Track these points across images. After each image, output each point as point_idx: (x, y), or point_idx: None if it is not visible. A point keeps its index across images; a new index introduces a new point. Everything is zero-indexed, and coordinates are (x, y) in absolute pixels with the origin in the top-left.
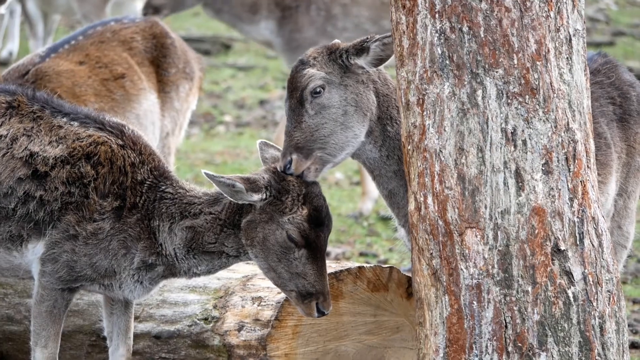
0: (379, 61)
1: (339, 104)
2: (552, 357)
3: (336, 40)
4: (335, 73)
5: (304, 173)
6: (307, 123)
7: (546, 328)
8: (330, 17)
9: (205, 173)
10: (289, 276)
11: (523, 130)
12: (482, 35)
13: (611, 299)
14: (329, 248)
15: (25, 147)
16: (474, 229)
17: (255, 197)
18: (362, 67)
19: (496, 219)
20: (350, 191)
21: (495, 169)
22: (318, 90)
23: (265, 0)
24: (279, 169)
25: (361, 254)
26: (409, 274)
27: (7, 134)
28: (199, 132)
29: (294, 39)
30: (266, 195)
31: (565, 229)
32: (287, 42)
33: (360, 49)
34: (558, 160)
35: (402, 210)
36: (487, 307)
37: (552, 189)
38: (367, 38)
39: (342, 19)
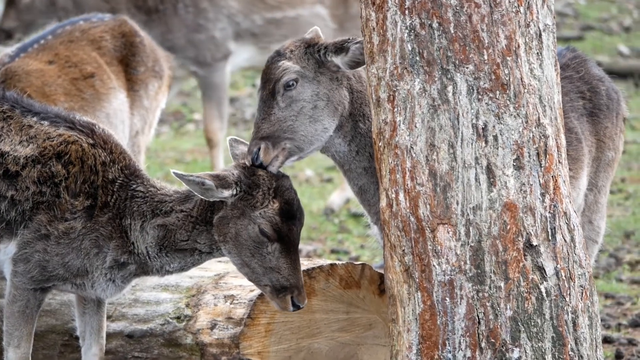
0: (356, 64)
1: (310, 98)
2: (526, 352)
3: (315, 28)
4: (309, 67)
5: (271, 162)
6: (277, 115)
7: (519, 324)
8: (200, 11)
9: (174, 172)
10: (263, 271)
11: (494, 126)
12: (452, 31)
13: (584, 293)
14: (300, 245)
15: None
16: (446, 225)
17: (226, 193)
18: (338, 66)
19: (468, 215)
20: (320, 188)
21: (466, 165)
22: (291, 83)
23: (125, 6)
24: (247, 160)
25: (332, 251)
26: (382, 271)
27: None
28: (168, 130)
29: (167, 40)
30: (236, 190)
31: (537, 225)
32: (160, 44)
33: (340, 48)
34: (529, 156)
35: (374, 207)
36: (460, 303)
37: (524, 184)
38: (349, 38)
39: (213, 10)
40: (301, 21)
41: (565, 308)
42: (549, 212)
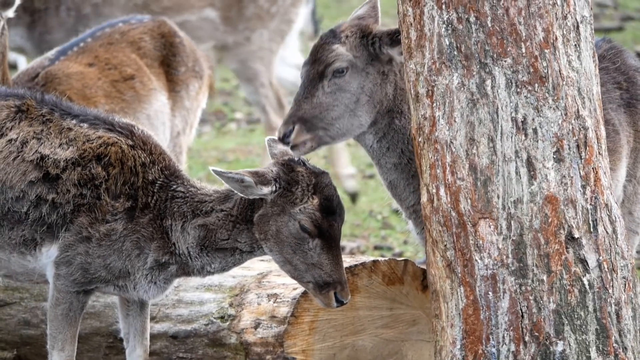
0: None
1: (355, 90)
2: (570, 345)
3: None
4: (362, 58)
5: (299, 146)
6: (320, 99)
7: (562, 316)
8: (81, 17)
9: (213, 170)
10: (305, 267)
11: (533, 119)
12: (490, 25)
13: (627, 285)
14: (343, 242)
15: (36, 150)
16: (487, 219)
17: (265, 189)
18: (392, 57)
19: (509, 208)
20: (363, 185)
21: (506, 159)
22: (341, 70)
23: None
24: (278, 132)
25: (376, 248)
26: (424, 267)
27: (17, 138)
28: (210, 130)
29: (44, 41)
30: (276, 187)
31: (578, 217)
32: (37, 44)
33: (396, 40)
34: (569, 148)
35: (404, 202)
36: (503, 298)
37: (564, 176)
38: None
39: (94, 19)
40: (188, 27)
41: (608, 300)
42: (590, 204)
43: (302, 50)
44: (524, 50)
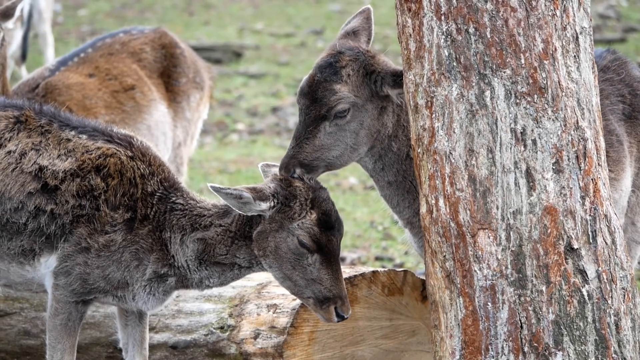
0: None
1: (355, 128)
2: (569, 356)
3: (367, 8)
4: (362, 96)
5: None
6: (322, 141)
7: (562, 327)
8: None
9: (211, 186)
10: (305, 283)
11: (532, 130)
12: (489, 36)
13: (626, 296)
14: (344, 253)
15: (35, 162)
16: (487, 230)
17: (264, 205)
18: (390, 97)
19: (508, 219)
20: (364, 195)
21: (505, 170)
22: (343, 111)
23: None
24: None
25: (377, 258)
26: (424, 277)
27: (16, 149)
28: (212, 140)
29: None
30: (274, 202)
31: (577, 228)
32: None
33: (398, 84)
34: (568, 159)
35: (400, 214)
36: (502, 308)
37: (564, 187)
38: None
39: None
40: None
41: (607, 311)
42: (590, 215)
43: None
44: (523, 61)
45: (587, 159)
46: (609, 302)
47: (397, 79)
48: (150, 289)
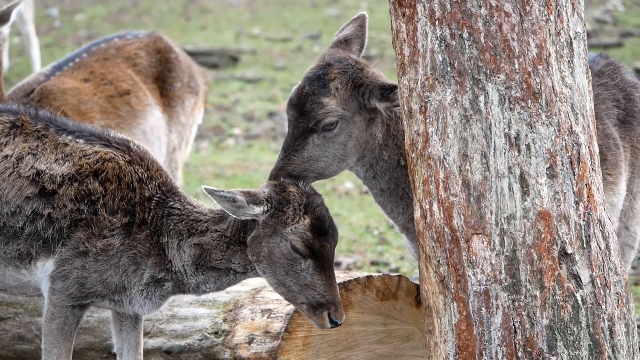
0: (394, 107)
1: (343, 140)
2: None
3: (363, 15)
4: (350, 109)
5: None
6: (310, 153)
7: (555, 332)
8: None
9: (205, 188)
10: (298, 289)
11: (526, 135)
12: (483, 41)
13: (620, 301)
14: (340, 258)
15: (32, 166)
16: (481, 235)
17: (257, 209)
18: (378, 110)
19: (502, 224)
20: (360, 200)
21: (499, 175)
22: (331, 124)
23: None
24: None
25: (372, 263)
26: (418, 282)
27: (13, 154)
28: (208, 145)
29: None
30: (267, 207)
31: (571, 233)
32: None
33: (386, 97)
34: (562, 164)
35: (395, 220)
36: (496, 313)
37: (557, 192)
38: (395, 86)
39: None
40: None
41: (601, 316)
42: (583, 220)
43: None
44: (517, 66)
45: (581, 164)
46: (603, 307)
47: (385, 92)
48: (148, 293)
